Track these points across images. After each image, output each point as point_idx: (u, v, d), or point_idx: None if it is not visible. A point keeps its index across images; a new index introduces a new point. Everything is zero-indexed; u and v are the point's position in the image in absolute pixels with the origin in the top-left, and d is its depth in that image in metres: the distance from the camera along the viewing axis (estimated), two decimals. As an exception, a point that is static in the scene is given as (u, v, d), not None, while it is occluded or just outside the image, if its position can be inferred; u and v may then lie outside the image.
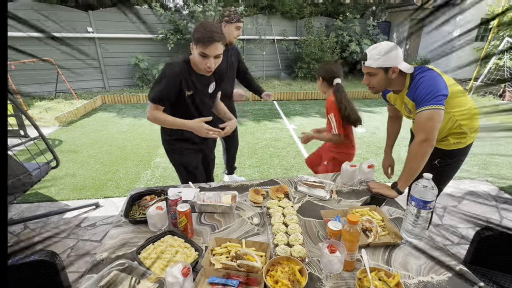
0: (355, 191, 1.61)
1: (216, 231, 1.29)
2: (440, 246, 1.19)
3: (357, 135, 4.95)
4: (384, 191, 1.52)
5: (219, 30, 1.43)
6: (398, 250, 1.17)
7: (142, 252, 1.11)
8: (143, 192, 1.52)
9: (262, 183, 1.68)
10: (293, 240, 1.14)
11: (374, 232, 1.20)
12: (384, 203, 1.47)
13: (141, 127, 5.20)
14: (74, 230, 2.55)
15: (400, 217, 1.38)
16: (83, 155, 4.07)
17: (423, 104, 1.41)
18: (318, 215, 1.38)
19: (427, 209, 1.11)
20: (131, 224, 1.33)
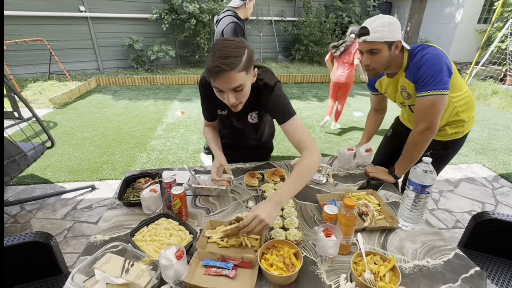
0: (352, 175, 1.59)
1: (211, 214, 1.27)
2: (436, 230, 1.18)
3: (354, 119, 4.92)
4: (381, 175, 1.50)
5: (235, 52, 1.05)
6: (394, 234, 1.16)
7: (136, 235, 1.09)
8: (137, 175, 1.49)
9: (258, 167, 1.65)
10: (289, 224, 1.13)
11: (371, 216, 1.19)
12: (381, 188, 1.46)
13: (136, 110, 5.11)
14: (71, 212, 2.54)
15: (397, 202, 1.37)
16: (78, 137, 4.01)
17: (426, 88, 1.29)
18: (314, 199, 1.37)
19: (425, 193, 1.09)
20: (125, 206, 1.31)
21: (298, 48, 8.78)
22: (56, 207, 2.60)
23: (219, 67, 1.03)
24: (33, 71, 6.58)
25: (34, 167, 3.22)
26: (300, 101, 5.82)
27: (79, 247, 2.16)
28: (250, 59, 1.10)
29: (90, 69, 7.25)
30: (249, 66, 1.10)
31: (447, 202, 2.78)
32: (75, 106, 5.30)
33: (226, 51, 1.04)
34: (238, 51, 1.06)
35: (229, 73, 1.04)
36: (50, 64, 6.33)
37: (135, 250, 0.99)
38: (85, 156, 3.50)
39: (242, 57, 1.06)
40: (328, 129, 4.43)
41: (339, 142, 4.04)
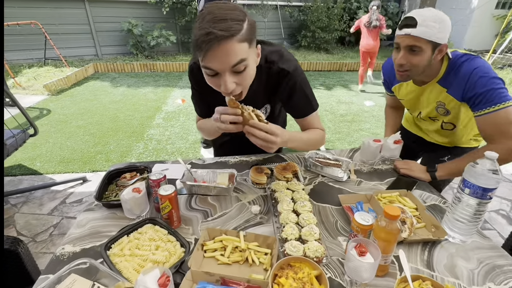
0: (377, 171, 1.34)
1: (209, 219, 1.03)
2: (493, 244, 0.93)
3: (365, 109, 4.64)
4: (415, 173, 1.25)
5: (233, 15, 0.77)
6: (440, 248, 0.92)
7: (113, 247, 0.86)
8: (122, 169, 1.25)
9: (266, 160, 1.40)
10: (307, 235, 0.89)
11: (409, 224, 0.95)
12: (415, 187, 1.21)
13: (135, 97, 4.86)
14: (59, 207, 2.32)
15: (436, 205, 1.12)
16: (72, 125, 3.78)
17: (493, 103, 1.05)
18: (335, 200, 1.12)
19: (487, 198, 0.84)
20: (105, 208, 1.07)
21: (304, 35, 8.41)
22: (43, 200, 2.39)
23: (212, 34, 0.73)
24: (28, 56, 6.31)
25: (23, 157, 3.00)
26: (306, 89, 5.52)
27: (65, 247, 1.95)
28: (253, 29, 0.82)
29: (88, 55, 6.96)
30: (252, 37, 0.82)
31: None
32: (71, 93, 5.05)
33: (220, 13, 0.76)
34: (237, 14, 0.78)
35: (226, 42, 0.75)
36: (46, 49, 6.05)
37: (107, 270, 0.75)
38: (78, 146, 3.27)
39: (243, 23, 0.78)
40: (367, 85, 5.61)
41: (349, 132, 3.78)
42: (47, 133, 3.54)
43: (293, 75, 1.03)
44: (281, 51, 1.04)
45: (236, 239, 0.90)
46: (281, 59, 1.02)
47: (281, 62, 1.02)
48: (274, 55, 1.02)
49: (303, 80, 1.06)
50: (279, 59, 1.02)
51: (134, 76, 6.23)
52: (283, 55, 1.03)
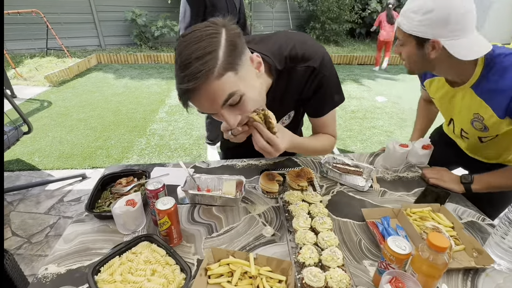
0: (403, 179, 1.20)
1: (214, 235, 0.91)
2: (548, 274, 0.80)
3: (377, 105, 4.46)
4: (447, 183, 1.11)
5: (200, 50, 0.64)
6: (485, 277, 0.79)
7: (102, 271, 0.74)
8: (117, 173, 1.13)
9: (277, 164, 1.27)
10: (329, 260, 0.76)
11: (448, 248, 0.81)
12: (448, 200, 1.07)
13: (138, 90, 4.74)
14: (56, 205, 2.23)
15: (474, 222, 0.98)
16: (72, 118, 3.69)
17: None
18: (357, 214, 1.00)
19: (550, 223, 0.70)
20: (97, 219, 0.96)
21: (313, 26, 8.18)
22: (40, 198, 2.30)
23: (181, 90, 0.67)
24: (30, 46, 6.21)
25: (21, 151, 2.92)
26: (315, 83, 5.35)
27: (61, 249, 1.86)
28: (234, 46, 0.68)
29: (91, 45, 6.85)
30: (236, 58, 0.69)
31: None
32: (73, 84, 4.96)
33: (185, 55, 0.65)
34: (204, 46, 0.64)
35: (200, 89, 0.66)
36: (48, 39, 5.94)
37: (94, 303, 0.64)
38: (79, 140, 3.17)
39: (216, 52, 0.65)
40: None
41: (361, 130, 3.62)
42: (47, 126, 3.45)
43: (320, 70, 0.89)
44: (304, 43, 0.89)
45: (245, 262, 0.77)
46: (305, 54, 0.88)
47: (305, 57, 0.88)
48: (295, 51, 0.88)
49: (331, 73, 0.92)
50: (303, 54, 0.88)
51: (138, 67, 6.11)
52: (306, 48, 0.88)
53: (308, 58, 0.88)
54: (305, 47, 0.88)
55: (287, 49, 0.88)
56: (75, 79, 5.24)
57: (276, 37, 0.91)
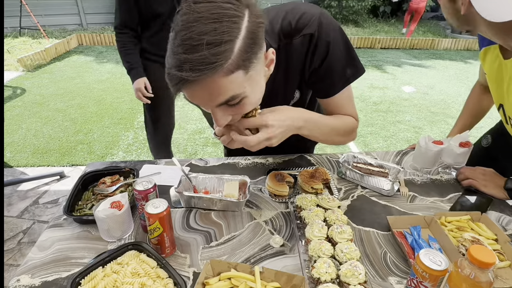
0: (435, 183, 1.18)
1: (212, 244, 0.91)
2: None
3: (403, 96, 4.42)
4: (488, 188, 1.08)
5: (212, 34, 0.59)
6: (534, 299, 0.77)
7: (82, 283, 0.74)
8: (101, 170, 1.13)
9: (287, 162, 1.26)
10: (349, 276, 0.75)
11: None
12: (489, 207, 1.05)
13: (124, 75, 4.74)
14: (30, 208, 2.25)
15: (522, 233, 0.96)
16: (49, 108, 3.71)
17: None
18: (381, 223, 0.98)
19: None
20: (76, 223, 0.96)
21: (329, 4, 8.11)
22: (12, 200, 2.32)
23: (181, 77, 0.60)
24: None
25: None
26: (331, 70, 5.32)
27: (36, 258, 1.88)
28: (254, 40, 0.65)
29: (71, 24, 6.89)
30: (252, 54, 0.65)
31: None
32: (50, 69, 4.99)
33: (195, 32, 0.58)
34: (223, 29, 0.59)
35: (202, 82, 0.62)
36: (21, 17, 5.98)
37: (73, 321, 0.63)
38: (56, 134, 3.19)
39: (233, 43, 0.61)
40: None
41: (385, 125, 3.59)
42: (21, 117, 3.48)
43: (319, 36, 0.84)
44: (294, 9, 0.86)
45: (249, 277, 0.76)
46: (298, 23, 0.85)
47: (299, 26, 0.85)
48: (287, 22, 0.85)
49: (335, 37, 0.86)
50: (296, 23, 0.84)
51: (125, 50, 6.12)
52: (297, 14, 0.85)
53: (302, 26, 0.84)
54: (297, 13, 0.85)
55: (278, 22, 0.85)
56: (52, 63, 5.28)
57: (267, 12, 0.88)
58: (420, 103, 4.21)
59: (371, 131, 3.45)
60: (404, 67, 5.74)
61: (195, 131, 3.31)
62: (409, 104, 4.18)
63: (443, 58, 6.49)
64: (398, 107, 4.06)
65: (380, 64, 5.86)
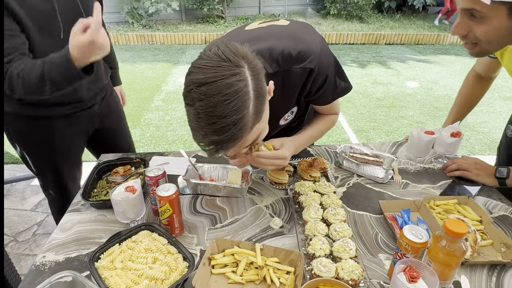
0: (428, 171, 1.26)
1: (217, 226, 1.00)
2: None
3: (407, 91, 4.47)
4: (480, 176, 1.16)
5: (234, 112, 0.69)
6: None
7: (102, 258, 0.83)
8: (114, 161, 1.23)
9: (288, 154, 1.35)
10: (341, 251, 0.83)
11: (472, 241, 0.87)
12: (477, 193, 1.13)
13: (130, 74, 4.86)
14: (43, 202, 2.37)
15: (507, 216, 1.04)
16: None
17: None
18: (374, 207, 1.06)
19: None
20: (93, 208, 1.06)
21: (333, 0, 8.13)
22: (25, 194, 2.44)
23: (216, 148, 0.74)
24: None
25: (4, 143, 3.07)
26: (335, 67, 5.38)
27: (50, 249, 1.99)
28: (260, 94, 0.74)
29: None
30: (261, 106, 0.76)
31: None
32: None
33: (216, 116, 0.68)
34: (238, 105, 0.69)
35: (233, 146, 0.76)
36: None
37: (93, 286, 0.73)
38: (65, 131, 3.31)
39: (247, 111, 0.71)
40: None
41: (387, 121, 3.65)
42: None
43: (320, 71, 0.95)
44: (295, 40, 0.93)
45: (251, 252, 0.86)
46: (299, 55, 0.92)
47: (299, 58, 0.92)
48: (288, 52, 0.91)
49: (332, 68, 0.99)
50: (297, 54, 0.92)
51: (129, 49, 6.24)
52: (298, 47, 0.92)
53: (303, 58, 0.92)
54: (298, 44, 0.92)
55: (278, 49, 0.91)
56: None
57: (265, 35, 0.94)
58: (424, 99, 4.26)
59: (374, 126, 3.52)
60: (409, 62, 5.77)
61: (200, 128, 3.41)
62: (413, 99, 4.23)
63: (449, 53, 6.50)
64: (402, 103, 4.11)
65: (385, 60, 5.89)
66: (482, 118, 3.64)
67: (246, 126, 0.73)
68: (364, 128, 3.49)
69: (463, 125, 3.49)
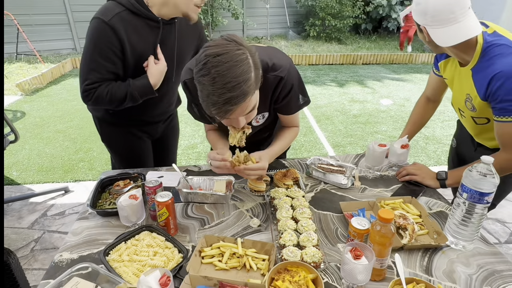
0: (384, 178, 1.49)
1: (206, 227, 1.19)
2: (495, 250, 1.08)
3: (381, 109, 4.79)
4: (425, 179, 1.40)
5: (243, 75, 0.93)
6: (441, 254, 1.07)
7: (111, 253, 1.02)
8: (115, 176, 1.41)
9: (266, 166, 1.56)
10: (305, 241, 1.04)
11: (410, 231, 1.10)
12: (421, 194, 1.36)
13: (119, 97, 5.05)
14: (40, 220, 2.49)
15: (443, 212, 1.27)
16: (50, 130, 3.97)
17: (510, 113, 1.18)
18: (336, 208, 1.28)
19: (484, 203, 0.99)
20: (99, 216, 1.24)
21: (313, 23, 8.62)
22: (22, 213, 2.56)
23: (230, 105, 0.94)
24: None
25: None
26: (315, 86, 5.70)
27: (48, 262, 2.11)
28: (257, 66, 1.00)
29: (65, 48, 7.21)
30: (258, 76, 1.02)
31: (499, 210, 2.66)
32: (47, 92, 5.26)
33: (230, 77, 0.91)
34: (245, 69, 0.94)
35: (241, 105, 0.97)
36: (18, 43, 6.29)
37: (109, 274, 0.91)
38: (58, 153, 3.45)
39: (251, 74, 0.96)
40: None
41: (363, 136, 3.93)
42: (23, 138, 3.72)
43: (287, 80, 1.20)
44: (270, 55, 1.20)
45: (233, 245, 1.05)
46: (273, 65, 1.18)
47: (273, 68, 1.18)
48: (265, 61, 1.16)
49: (297, 81, 1.25)
50: (273, 64, 1.18)
51: (118, 72, 6.44)
52: (273, 60, 1.18)
53: (276, 68, 1.17)
54: (273, 58, 1.19)
55: (259, 58, 1.13)
56: (49, 86, 5.56)
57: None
58: (397, 115, 4.59)
59: (350, 141, 3.79)
60: (384, 81, 6.17)
61: (188, 146, 3.60)
62: (386, 115, 4.55)
63: (421, 72, 6.97)
64: (376, 119, 4.42)
65: (362, 79, 6.28)
66: (448, 131, 3.96)
67: (252, 86, 0.96)
68: (341, 143, 3.75)
69: (431, 138, 3.81)
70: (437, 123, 4.16)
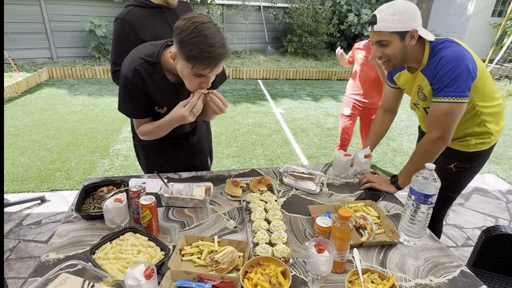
0: (349, 184, 1.65)
1: (186, 229, 1.29)
2: (440, 246, 1.24)
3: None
4: (382, 186, 1.56)
5: (222, 37, 1.18)
6: (394, 250, 1.22)
7: (97, 252, 1.10)
8: (99, 183, 1.49)
9: (242, 174, 1.68)
10: (276, 239, 1.17)
11: (369, 230, 1.25)
12: (381, 198, 1.52)
13: (97, 107, 5.05)
14: (15, 229, 2.48)
15: (399, 214, 1.43)
16: (25, 139, 3.92)
17: (443, 93, 1.35)
18: (305, 211, 1.41)
19: (428, 203, 1.15)
20: (84, 220, 1.31)
21: (290, 39, 8.93)
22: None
23: (221, 57, 1.17)
24: (-31, 58, 6.38)
25: None
26: (292, 100, 5.91)
27: (24, 271, 2.11)
28: None
29: (41, 57, 7.11)
30: None
31: (457, 217, 2.89)
32: (22, 102, 5.18)
33: (220, 38, 1.16)
34: (222, 35, 1.19)
35: (225, 61, 1.22)
36: (-8, 51, 6.16)
37: (96, 270, 0.99)
38: (34, 162, 3.42)
39: None
40: None
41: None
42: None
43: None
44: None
45: (211, 244, 1.16)
46: None
47: None
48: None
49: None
50: None
51: (96, 82, 6.42)
52: None
53: None
54: None
55: None
56: (24, 95, 5.46)
57: None
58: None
59: (324, 153, 3.98)
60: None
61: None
62: (357, 128, 4.79)
63: (391, 88, 7.37)
64: (349, 132, 4.66)
65: (336, 94, 6.57)
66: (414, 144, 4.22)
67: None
68: (315, 154, 3.93)
69: (399, 150, 4.05)
70: (404, 137, 4.44)
